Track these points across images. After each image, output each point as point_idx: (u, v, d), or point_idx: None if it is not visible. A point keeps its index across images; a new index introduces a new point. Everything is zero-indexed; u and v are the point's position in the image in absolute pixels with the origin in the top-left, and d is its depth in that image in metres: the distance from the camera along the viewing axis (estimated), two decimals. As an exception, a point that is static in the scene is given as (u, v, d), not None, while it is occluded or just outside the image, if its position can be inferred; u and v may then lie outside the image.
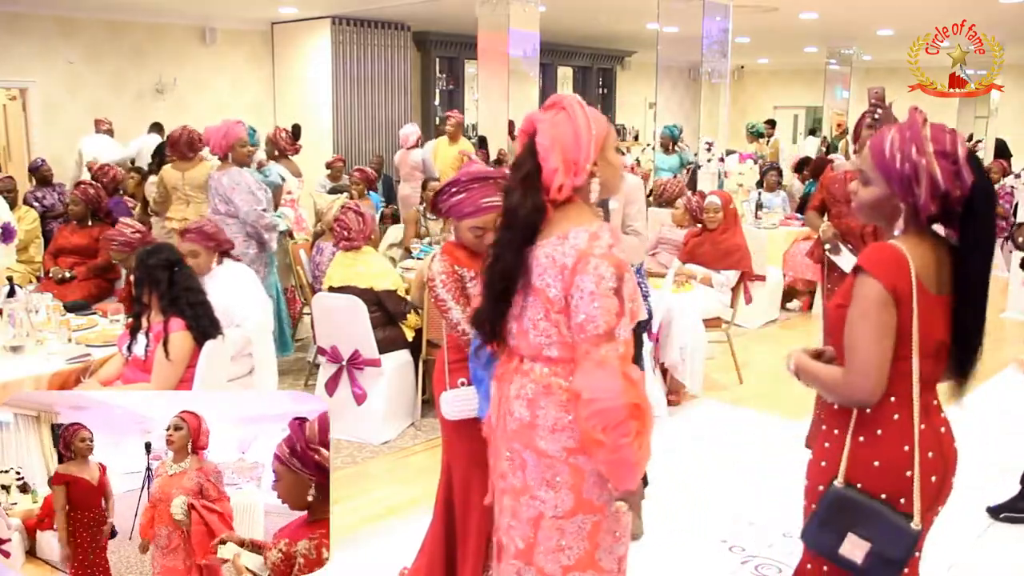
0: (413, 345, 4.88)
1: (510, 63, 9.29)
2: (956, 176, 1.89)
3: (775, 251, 7.66)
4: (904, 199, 1.93)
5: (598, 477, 2.03)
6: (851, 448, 1.98)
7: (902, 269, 1.91)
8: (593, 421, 1.90)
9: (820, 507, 1.99)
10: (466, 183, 2.71)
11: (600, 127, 2.06)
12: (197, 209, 5.97)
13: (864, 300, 1.92)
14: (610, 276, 1.94)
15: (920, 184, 1.90)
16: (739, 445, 4.61)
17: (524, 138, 2.08)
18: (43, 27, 9.92)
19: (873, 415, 1.96)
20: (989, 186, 1.95)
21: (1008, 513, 3.83)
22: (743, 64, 18.08)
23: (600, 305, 1.92)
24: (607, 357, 1.92)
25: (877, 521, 1.92)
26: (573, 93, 2.18)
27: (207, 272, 4.15)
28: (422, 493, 3.98)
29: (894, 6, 10.20)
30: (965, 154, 1.90)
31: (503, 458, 2.13)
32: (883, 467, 1.94)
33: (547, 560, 2.08)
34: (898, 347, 1.93)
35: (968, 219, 1.92)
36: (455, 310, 2.73)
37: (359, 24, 11.51)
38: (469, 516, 2.80)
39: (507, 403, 2.09)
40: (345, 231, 4.83)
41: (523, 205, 2.00)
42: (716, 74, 9.11)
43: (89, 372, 3.64)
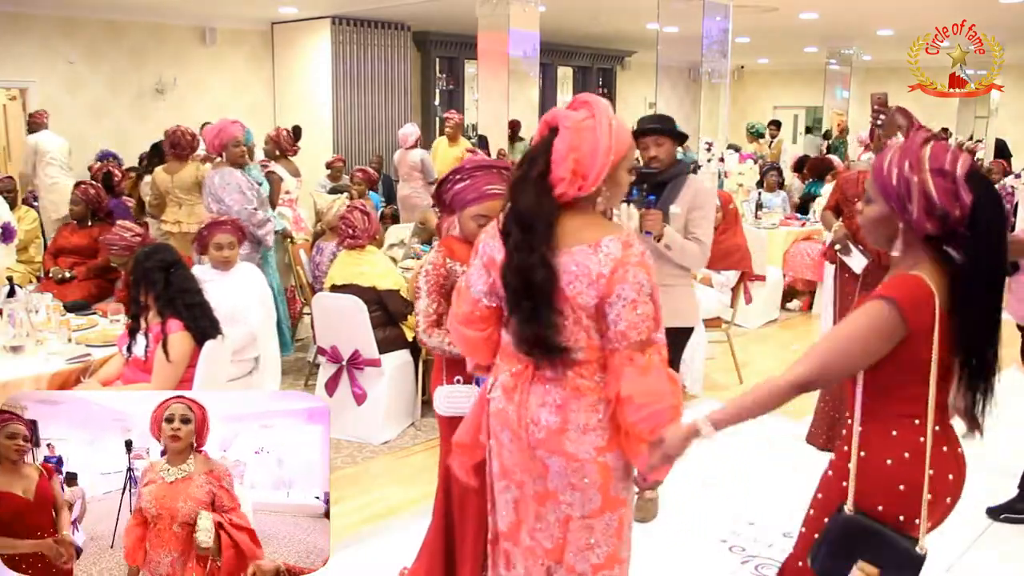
0: (413, 345, 4.88)
1: (510, 63, 9.30)
2: (952, 195, 1.86)
3: (775, 251, 7.66)
4: (901, 217, 1.92)
5: (622, 472, 2.08)
6: (869, 469, 1.97)
7: (928, 305, 1.89)
8: (644, 424, 1.97)
9: (830, 534, 1.98)
10: (470, 171, 2.71)
11: (621, 147, 2.03)
12: (190, 211, 5.98)
13: (876, 322, 1.91)
14: (647, 283, 1.99)
15: (912, 200, 1.88)
16: (739, 445, 4.60)
17: (545, 130, 2.06)
18: (43, 27, 9.91)
19: (899, 438, 1.96)
20: (993, 206, 1.90)
21: (1008, 514, 3.83)
22: (743, 64, 18.07)
23: (642, 312, 1.98)
24: (652, 362, 1.99)
25: (886, 547, 1.93)
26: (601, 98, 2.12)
27: (233, 266, 4.23)
28: (422, 493, 3.98)
29: (894, 6, 10.19)
30: (964, 173, 1.86)
31: (517, 468, 2.12)
32: (905, 491, 1.94)
33: (577, 559, 2.11)
34: (914, 373, 1.93)
35: (972, 239, 1.88)
36: (423, 301, 2.74)
37: (359, 24, 11.50)
38: (467, 517, 2.80)
39: (528, 412, 2.07)
40: (350, 229, 4.84)
41: (540, 205, 2.00)
42: (716, 74, 9.11)
43: (89, 372, 3.64)
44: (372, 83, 11.81)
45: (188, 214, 6.00)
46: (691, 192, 3.57)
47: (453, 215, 2.87)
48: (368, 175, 8.04)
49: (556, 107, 2.13)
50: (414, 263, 5.89)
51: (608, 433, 2.05)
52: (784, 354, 6.39)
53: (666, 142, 3.59)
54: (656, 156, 3.57)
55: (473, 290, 2.16)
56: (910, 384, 1.95)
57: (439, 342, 2.68)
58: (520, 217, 2.01)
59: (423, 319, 2.73)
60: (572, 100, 2.12)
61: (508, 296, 2.05)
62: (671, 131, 3.63)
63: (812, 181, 9.24)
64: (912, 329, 1.89)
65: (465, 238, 2.75)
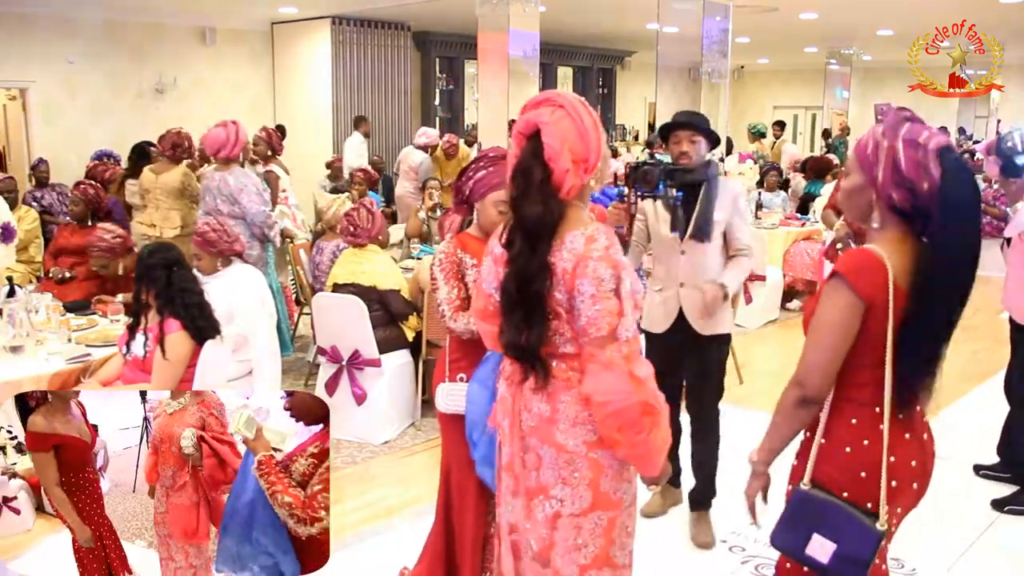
0: (413, 345, 4.88)
1: (510, 63, 9.28)
2: (921, 167, 1.86)
3: (775, 251, 7.66)
4: (871, 183, 1.92)
5: (615, 471, 2.06)
6: (824, 452, 1.99)
7: (878, 276, 1.89)
8: (608, 422, 1.95)
9: (787, 509, 2.01)
10: (492, 159, 2.73)
11: (597, 118, 2.07)
12: (165, 215, 5.94)
13: (834, 307, 1.93)
14: (609, 277, 1.96)
15: (880, 165, 1.90)
16: (739, 445, 4.59)
17: (522, 140, 2.05)
18: (43, 27, 9.91)
19: (859, 425, 1.96)
20: (964, 185, 1.87)
21: (1012, 506, 3.88)
22: (743, 64, 18.08)
23: (601, 307, 1.95)
24: (612, 358, 1.95)
25: (843, 522, 1.93)
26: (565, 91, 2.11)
27: (211, 274, 4.18)
28: (422, 493, 3.98)
29: (894, 6, 10.19)
30: (936, 148, 1.86)
31: (516, 458, 2.12)
32: (866, 477, 1.94)
33: (564, 561, 2.08)
34: (872, 353, 1.93)
35: (940, 217, 1.86)
36: (443, 289, 2.75)
37: (359, 24, 11.50)
38: (466, 517, 2.80)
39: (522, 400, 2.09)
40: (351, 227, 4.84)
41: (549, 211, 1.98)
42: (716, 74, 9.09)
43: (89, 372, 3.64)
44: (372, 83, 11.81)
45: (163, 218, 5.94)
46: (730, 197, 3.44)
47: (465, 211, 2.88)
48: (368, 175, 8.04)
49: (517, 117, 2.11)
50: (413, 263, 5.89)
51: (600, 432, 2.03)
52: (784, 354, 6.38)
53: (700, 140, 3.38)
54: (687, 152, 3.36)
55: (485, 285, 2.17)
56: (868, 367, 1.94)
57: (466, 325, 2.68)
58: (527, 227, 1.99)
59: (447, 306, 2.73)
60: (525, 107, 2.09)
61: (503, 301, 2.05)
62: (708, 130, 3.43)
63: (812, 181, 9.24)
64: (867, 302, 1.89)
65: (484, 227, 2.75)
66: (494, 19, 9.20)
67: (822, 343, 1.94)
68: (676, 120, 3.43)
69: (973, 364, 6.13)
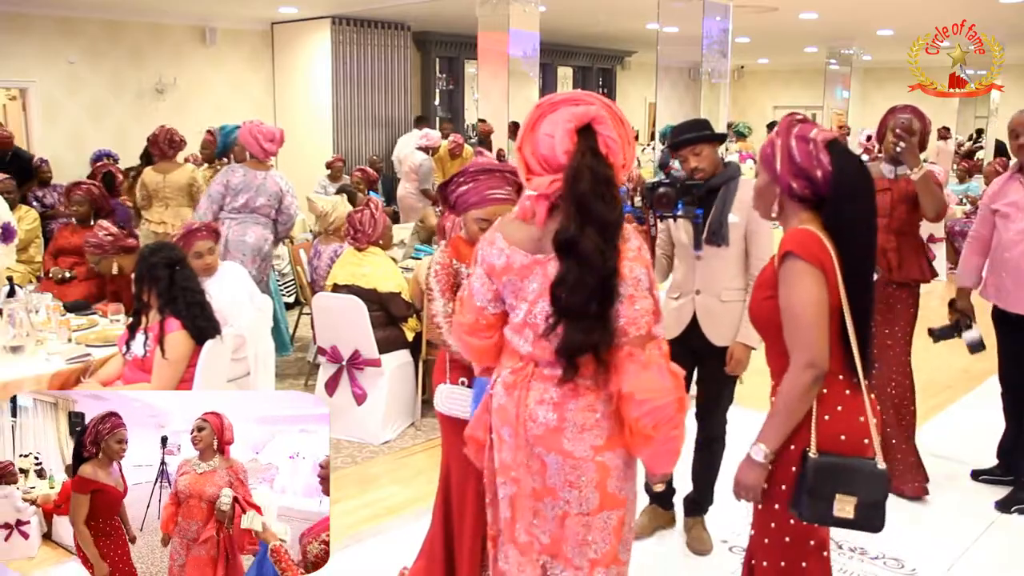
0: (413, 345, 4.88)
1: (510, 63, 9.29)
2: (812, 157, 2.09)
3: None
4: (772, 178, 2.15)
5: (620, 472, 2.09)
6: (817, 425, 2.11)
7: (824, 249, 2.09)
8: (646, 420, 1.97)
9: (805, 479, 2.09)
10: (474, 174, 2.70)
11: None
12: (176, 212, 5.98)
13: (800, 283, 2.07)
14: (644, 277, 1.99)
15: (777, 159, 2.12)
16: (739, 445, 4.59)
17: (574, 135, 1.96)
18: (43, 27, 9.91)
19: (829, 394, 2.12)
20: (856, 173, 2.12)
21: (1018, 506, 3.88)
22: (743, 64, 18.07)
23: (640, 307, 1.98)
24: (652, 356, 1.99)
25: (855, 475, 2.09)
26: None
27: (215, 271, 4.21)
28: (422, 493, 3.98)
29: (894, 6, 10.19)
30: (824, 141, 2.10)
31: (519, 465, 2.11)
32: (847, 439, 2.11)
33: (575, 552, 2.11)
34: (831, 323, 2.09)
35: (838, 202, 2.09)
36: (438, 301, 2.75)
37: (359, 24, 11.50)
38: (465, 517, 2.80)
39: (526, 410, 2.07)
40: (353, 228, 4.84)
41: (615, 212, 1.95)
42: (716, 74, 9.10)
43: (89, 372, 3.64)
44: (372, 83, 11.81)
45: (174, 215, 6.01)
46: (748, 200, 3.12)
47: (456, 215, 2.87)
48: (367, 175, 8.04)
49: (558, 111, 2.01)
50: (414, 263, 5.89)
51: (606, 432, 2.05)
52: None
53: (704, 149, 3.26)
54: (697, 167, 3.25)
55: (477, 299, 2.14)
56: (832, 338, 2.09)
57: None
58: (603, 228, 1.94)
59: (443, 320, 2.72)
60: (551, 104, 2.02)
61: (564, 306, 1.96)
62: (707, 136, 3.30)
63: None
64: (819, 268, 2.07)
65: (470, 239, 2.74)
66: (494, 19, 9.22)
67: (808, 320, 2.07)
68: (678, 140, 3.31)
69: (973, 364, 6.12)
